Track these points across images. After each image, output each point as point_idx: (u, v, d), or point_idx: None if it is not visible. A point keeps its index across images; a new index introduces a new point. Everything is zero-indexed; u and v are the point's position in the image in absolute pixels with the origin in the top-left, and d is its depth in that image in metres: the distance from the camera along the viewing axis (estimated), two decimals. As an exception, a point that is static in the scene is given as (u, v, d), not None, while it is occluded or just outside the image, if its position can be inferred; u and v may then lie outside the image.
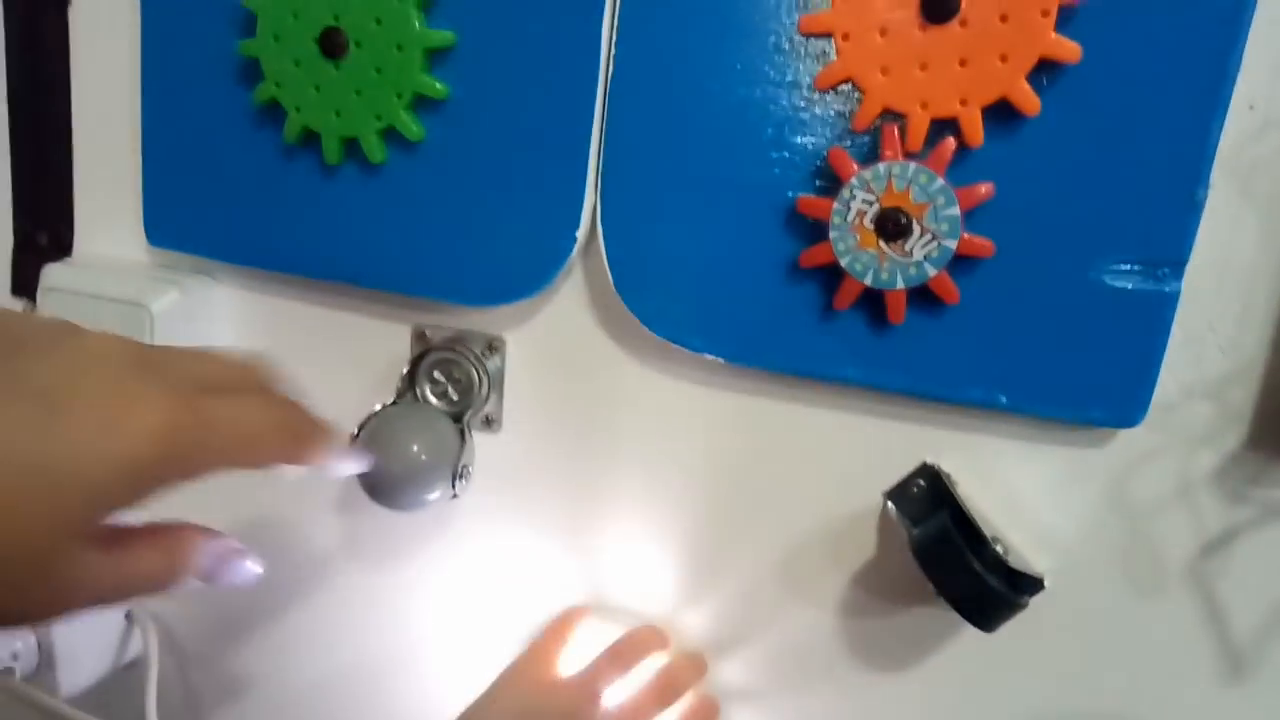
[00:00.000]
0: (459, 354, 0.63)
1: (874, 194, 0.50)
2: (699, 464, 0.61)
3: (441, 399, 0.64)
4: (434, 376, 0.64)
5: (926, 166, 0.49)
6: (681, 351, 0.57)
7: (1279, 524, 0.52)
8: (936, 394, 0.54)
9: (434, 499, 0.59)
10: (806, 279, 0.54)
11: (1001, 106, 0.49)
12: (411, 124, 0.57)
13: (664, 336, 0.57)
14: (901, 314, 0.52)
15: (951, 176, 0.49)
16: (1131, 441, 0.53)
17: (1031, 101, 0.48)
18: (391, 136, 0.58)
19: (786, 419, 0.58)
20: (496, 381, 0.63)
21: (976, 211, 0.50)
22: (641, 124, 0.55)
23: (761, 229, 0.54)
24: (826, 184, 0.52)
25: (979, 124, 0.49)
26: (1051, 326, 0.51)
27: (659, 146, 0.55)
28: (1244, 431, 0.52)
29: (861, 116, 0.51)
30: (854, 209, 0.50)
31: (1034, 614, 0.50)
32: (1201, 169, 0.48)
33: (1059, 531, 0.55)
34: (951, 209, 0.49)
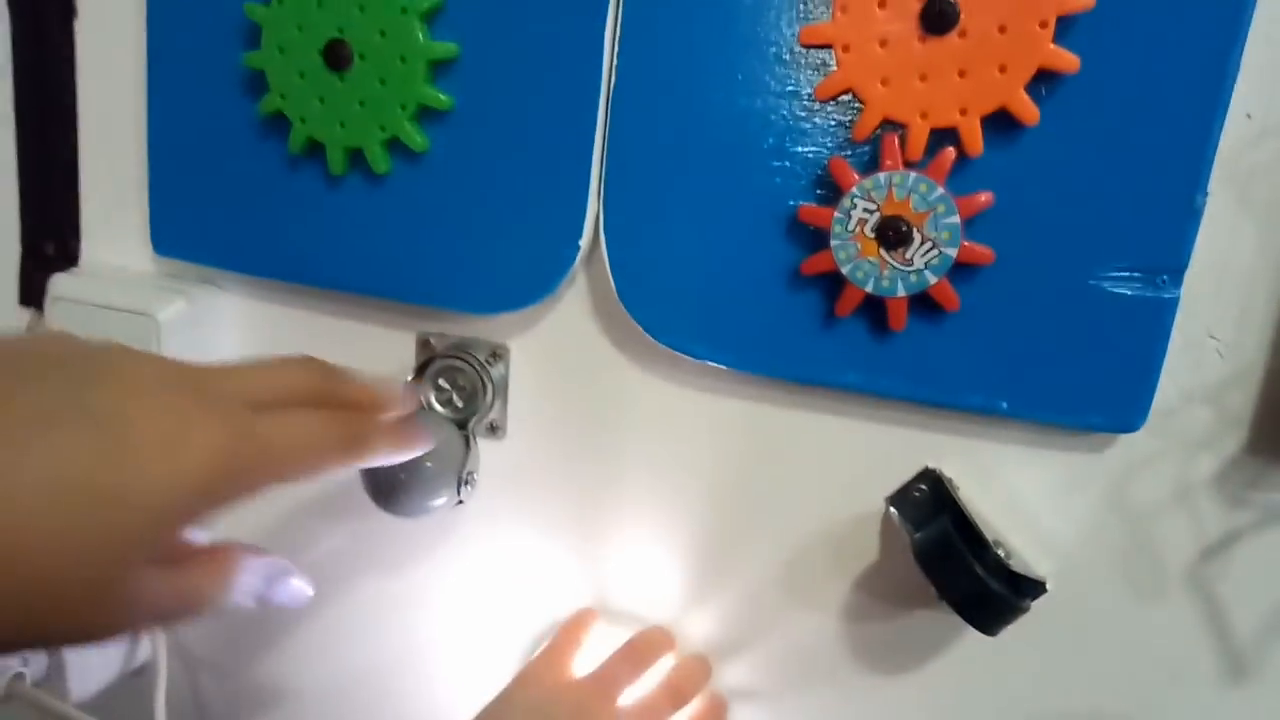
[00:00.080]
0: (463, 361, 0.63)
1: (875, 203, 0.50)
2: (702, 470, 0.61)
3: (446, 406, 0.64)
4: (439, 384, 0.64)
5: (927, 175, 0.49)
6: (684, 359, 0.58)
7: (1279, 527, 0.53)
8: (938, 400, 0.54)
9: (440, 505, 0.60)
10: (808, 287, 0.54)
11: (1001, 116, 0.49)
12: (415, 134, 0.57)
13: (667, 344, 0.57)
14: (903, 321, 0.52)
15: (951, 185, 0.49)
16: (1132, 446, 0.53)
17: (1030, 111, 0.48)
18: (395, 147, 0.59)
19: (789, 425, 0.59)
20: (501, 389, 0.64)
21: (976, 220, 0.50)
22: (644, 133, 0.55)
23: (763, 237, 0.54)
24: (827, 193, 0.52)
25: (978, 134, 0.49)
26: (1052, 333, 0.51)
27: (661, 156, 0.55)
28: (1243, 436, 0.52)
29: (862, 126, 0.51)
30: (855, 218, 0.50)
31: (1036, 617, 0.51)
32: (1200, 176, 0.48)
33: (1060, 535, 0.55)
34: (952, 217, 0.49)
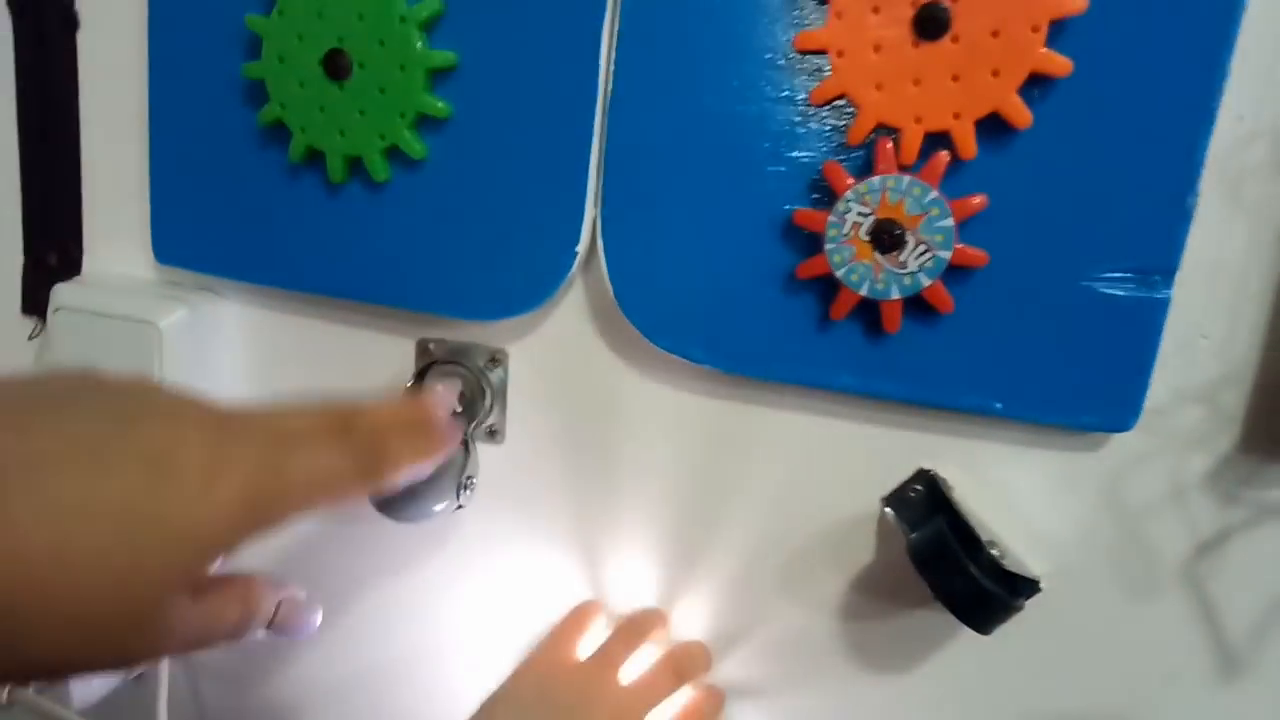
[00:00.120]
0: (462, 367, 0.64)
1: (869, 206, 0.51)
2: (700, 472, 0.62)
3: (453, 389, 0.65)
4: (438, 389, 0.65)
5: (920, 179, 0.50)
6: (682, 362, 0.58)
7: (1271, 525, 0.53)
8: (933, 401, 0.55)
9: (439, 510, 0.60)
10: (803, 290, 0.55)
11: (994, 120, 0.49)
12: (414, 143, 0.58)
13: (664, 348, 0.58)
14: (897, 323, 0.53)
15: (945, 188, 0.50)
16: (1125, 445, 0.54)
17: (1023, 115, 0.49)
18: (395, 155, 0.59)
19: (786, 427, 0.59)
20: (500, 393, 0.64)
21: (970, 222, 0.51)
22: (641, 139, 0.56)
23: (759, 242, 0.55)
24: (822, 197, 0.53)
25: (972, 137, 0.50)
26: (1045, 334, 0.52)
27: (658, 161, 0.56)
28: (1236, 434, 0.53)
29: (856, 131, 0.51)
30: (849, 221, 0.51)
31: (1030, 616, 0.51)
32: (1191, 178, 0.49)
33: (1054, 535, 0.56)
34: (945, 220, 0.50)
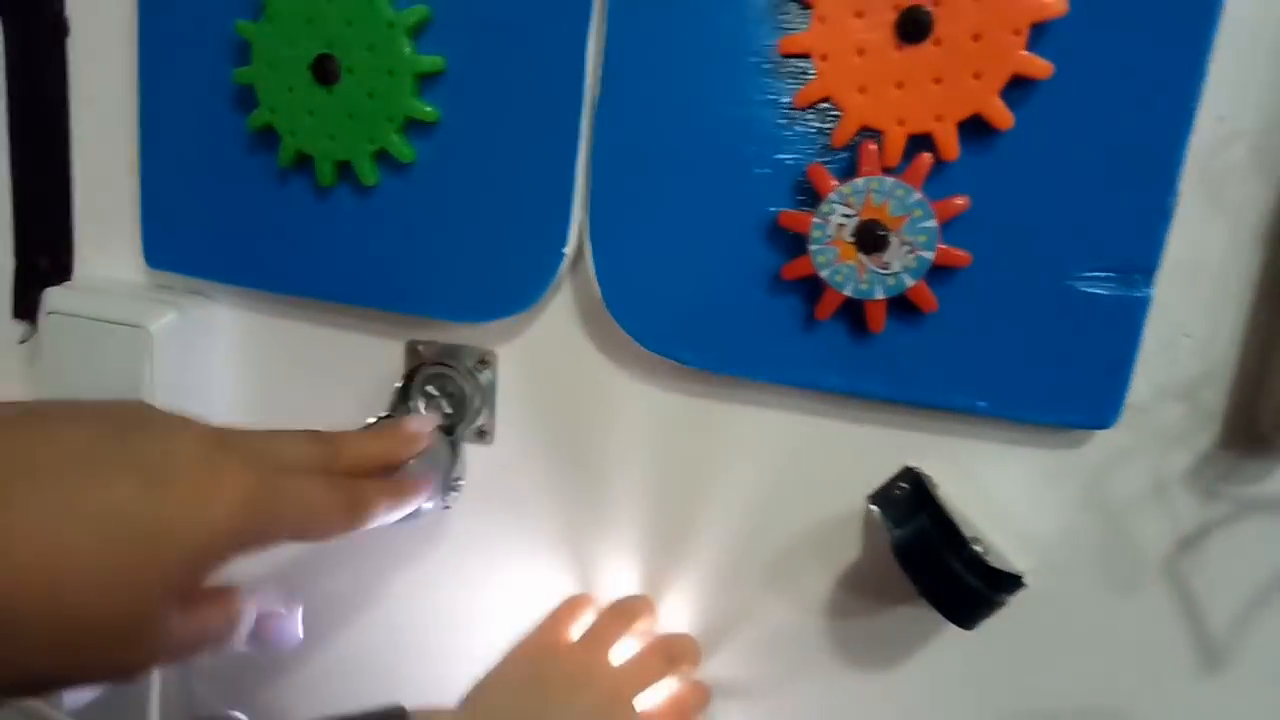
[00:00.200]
0: (451, 368, 0.64)
1: (853, 208, 0.51)
2: (687, 472, 0.62)
3: (435, 413, 0.65)
4: (427, 391, 0.65)
5: (904, 181, 0.51)
6: (669, 363, 0.59)
7: (1251, 520, 0.54)
8: (917, 400, 0.55)
9: (426, 510, 0.61)
10: (789, 291, 0.55)
11: (976, 122, 0.50)
12: (403, 147, 0.58)
13: (651, 349, 0.58)
14: (881, 323, 0.53)
15: (928, 190, 0.51)
16: (1107, 442, 0.55)
17: (1004, 117, 0.50)
18: (383, 159, 0.60)
19: (773, 427, 0.60)
20: (489, 395, 0.64)
21: (953, 223, 0.51)
22: (628, 142, 0.56)
23: (745, 243, 0.55)
24: (807, 199, 0.53)
25: (954, 139, 0.50)
26: (1028, 333, 0.52)
27: (645, 165, 0.56)
28: (1216, 431, 0.53)
29: (840, 134, 0.52)
30: (833, 223, 0.52)
31: (1015, 611, 0.52)
32: (1171, 178, 0.49)
33: (1038, 531, 0.56)
34: (928, 221, 0.51)
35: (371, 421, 0.62)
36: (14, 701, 0.66)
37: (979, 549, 0.51)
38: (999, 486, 0.57)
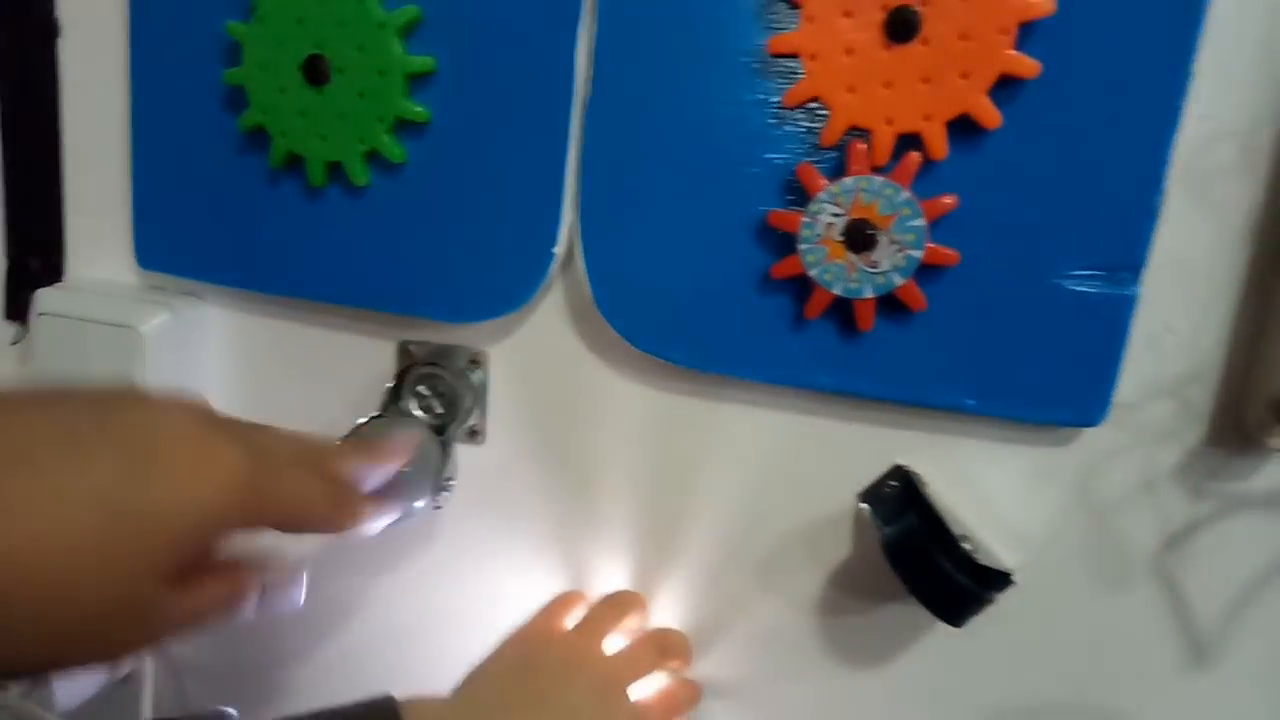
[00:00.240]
0: (443, 368, 0.64)
1: (842, 207, 0.51)
2: (678, 470, 0.63)
3: (427, 413, 0.65)
4: (419, 391, 0.65)
5: (892, 180, 0.51)
6: (660, 362, 0.59)
7: (1239, 517, 0.54)
8: (906, 398, 0.56)
9: (417, 510, 0.61)
10: (779, 290, 0.55)
11: (964, 121, 0.50)
12: (394, 147, 0.58)
13: (642, 348, 0.59)
14: (870, 322, 0.54)
15: (916, 189, 0.51)
16: (1096, 440, 0.55)
17: (992, 116, 0.50)
18: (374, 159, 0.60)
19: (763, 426, 0.60)
20: (480, 395, 0.65)
21: (941, 222, 0.51)
22: (618, 143, 0.56)
23: (735, 243, 0.56)
24: (796, 198, 0.54)
25: (942, 138, 0.51)
26: (1016, 331, 0.53)
27: (635, 164, 0.56)
28: (1204, 428, 0.54)
29: (829, 133, 0.52)
30: (822, 222, 0.52)
31: (1004, 608, 0.52)
32: (1157, 177, 0.50)
33: (1027, 528, 0.57)
34: (917, 220, 0.51)
35: (362, 421, 0.62)
36: (6, 705, 0.66)
37: (968, 547, 0.52)
38: (988, 484, 0.57)
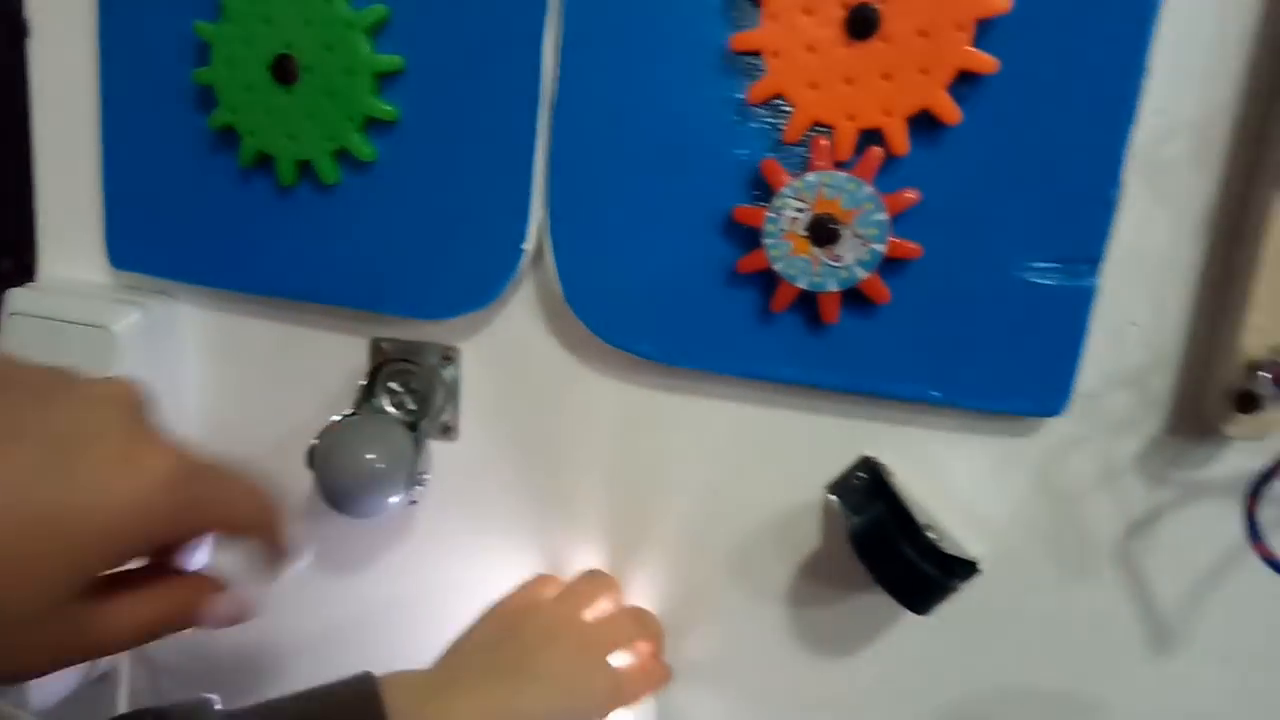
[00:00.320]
0: (415, 364, 0.65)
1: (805, 202, 0.52)
2: (651, 464, 0.63)
3: (399, 409, 0.66)
4: (391, 387, 0.65)
5: (855, 175, 0.51)
6: (629, 356, 0.59)
7: (1199, 503, 0.55)
8: (872, 390, 0.56)
9: (391, 505, 0.61)
10: (745, 284, 0.56)
11: (924, 117, 0.51)
12: (363, 145, 0.59)
13: (612, 343, 0.59)
14: (835, 315, 0.54)
15: (879, 184, 0.52)
16: (1058, 430, 0.56)
17: (952, 111, 0.51)
18: (344, 158, 0.60)
19: (733, 418, 0.60)
20: (453, 390, 0.65)
21: (904, 216, 0.52)
22: (586, 139, 0.57)
23: (701, 238, 0.56)
24: (761, 194, 0.54)
25: (903, 134, 0.51)
26: (978, 323, 0.54)
27: (603, 161, 0.57)
28: (1164, 417, 0.55)
29: (792, 129, 0.53)
30: (786, 217, 0.52)
31: (970, 596, 0.53)
32: (1114, 171, 0.51)
33: (992, 517, 0.58)
34: (880, 214, 0.51)
35: (336, 419, 0.62)
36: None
37: (933, 536, 0.52)
38: (953, 474, 0.58)
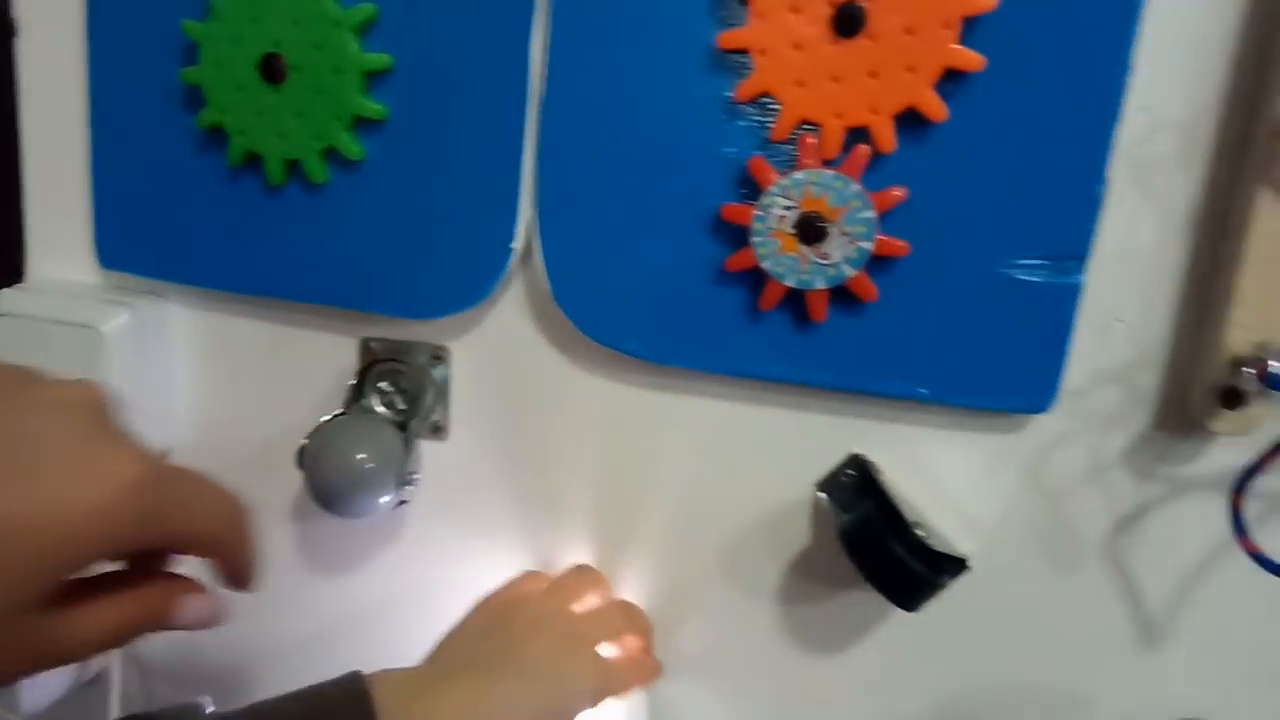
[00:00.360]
0: (405, 364, 0.65)
1: (793, 200, 0.52)
2: (641, 462, 0.63)
3: (389, 408, 0.66)
4: (381, 387, 0.65)
5: (842, 173, 0.52)
6: (619, 355, 0.59)
7: (1186, 499, 0.55)
8: (860, 387, 0.56)
9: (381, 505, 0.61)
10: (733, 282, 0.56)
11: (911, 114, 0.51)
12: (351, 144, 0.59)
13: (601, 342, 0.59)
14: (823, 313, 0.54)
15: (866, 182, 0.52)
16: (1045, 426, 0.56)
17: (938, 109, 0.51)
18: (333, 157, 0.60)
19: (721, 416, 0.61)
20: (443, 390, 0.65)
21: (891, 214, 0.52)
22: (574, 138, 0.57)
23: (690, 236, 0.56)
24: (749, 192, 0.54)
25: (890, 132, 0.52)
26: (965, 320, 0.54)
27: (591, 160, 0.57)
28: (1150, 413, 0.55)
29: (780, 127, 0.53)
30: (774, 215, 0.53)
31: (960, 593, 0.53)
32: (1099, 168, 0.51)
33: (980, 514, 0.58)
34: (867, 212, 0.52)
35: (325, 420, 0.62)
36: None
37: (921, 533, 0.53)
38: (942, 471, 0.58)
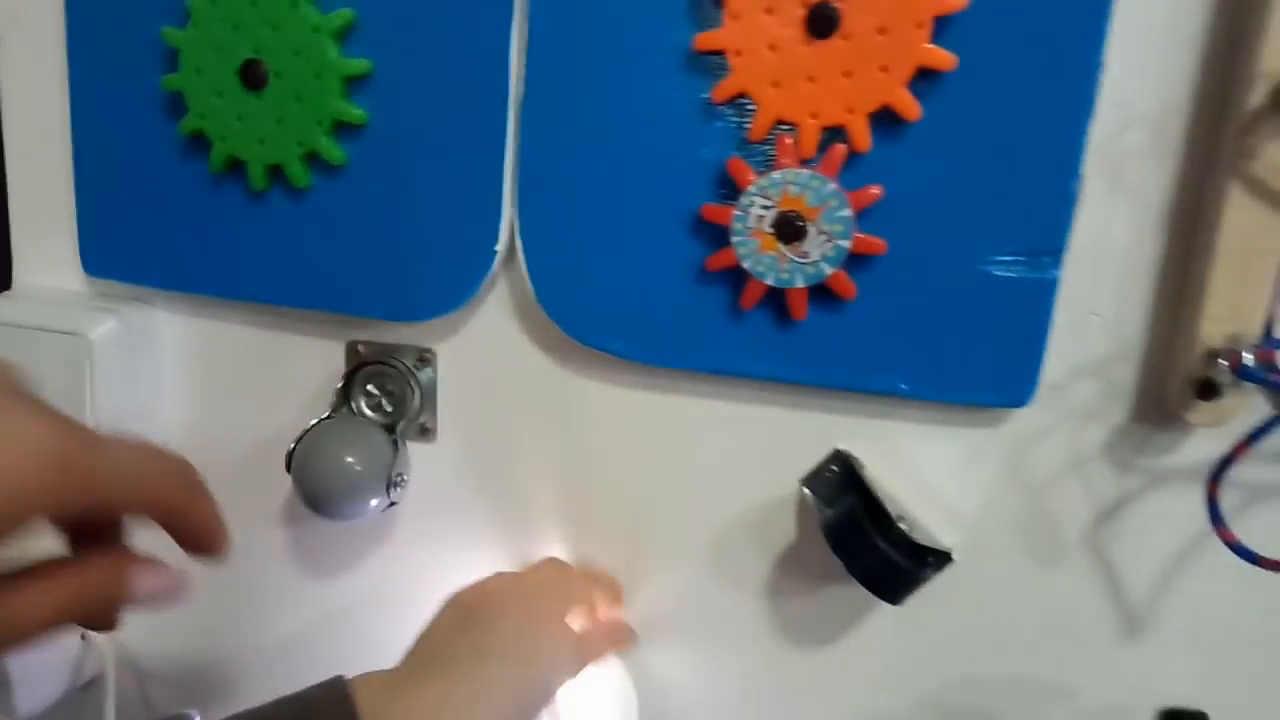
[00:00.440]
0: (392, 367, 0.65)
1: (771, 200, 0.53)
2: (627, 462, 0.64)
3: (376, 411, 0.66)
4: (369, 390, 0.66)
5: (819, 172, 0.52)
6: (602, 355, 0.60)
7: (1164, 490, 0.56)
8: (841, 384, 0.57)
9: (371, 507, 0.62)
10: (714, 282, 0.56)
11: (886, 113, 0.52)
12: (333, 149, 0.59)
13: (584, 343, 0.60)
14: (803, 311, 0.55)
15: (843, 180, 0.52)
16: (1025, 420, 0.56)
17: (912, 108, 0.51)
18: (314, 161, 0.60)
19: (705, 415, 0.61)
20: (430, 392, 0.65)
21: (868, 212, 0.53)
22: (554, 140, 0.57)
23: (670, 236, 0.57)
24: (728, 192, 0.55)
25: (866, 131, 0.52)
26: (944, 316, 0.54)
27: (572, 162, 0.57)
28: (1127, 406, 0.56)
29: (756, 127, 0.53)
30: (753, 214, 0.53)
31: (943, 586, 0.54)
32: (1074, 163, 0.51)
33: (963, 507, 0.58)
34: (844, 211, 0.52)
35: (313, 423, 0.63)
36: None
37: (904, 527, 0.53)
38: (923, 466, 0.58)
